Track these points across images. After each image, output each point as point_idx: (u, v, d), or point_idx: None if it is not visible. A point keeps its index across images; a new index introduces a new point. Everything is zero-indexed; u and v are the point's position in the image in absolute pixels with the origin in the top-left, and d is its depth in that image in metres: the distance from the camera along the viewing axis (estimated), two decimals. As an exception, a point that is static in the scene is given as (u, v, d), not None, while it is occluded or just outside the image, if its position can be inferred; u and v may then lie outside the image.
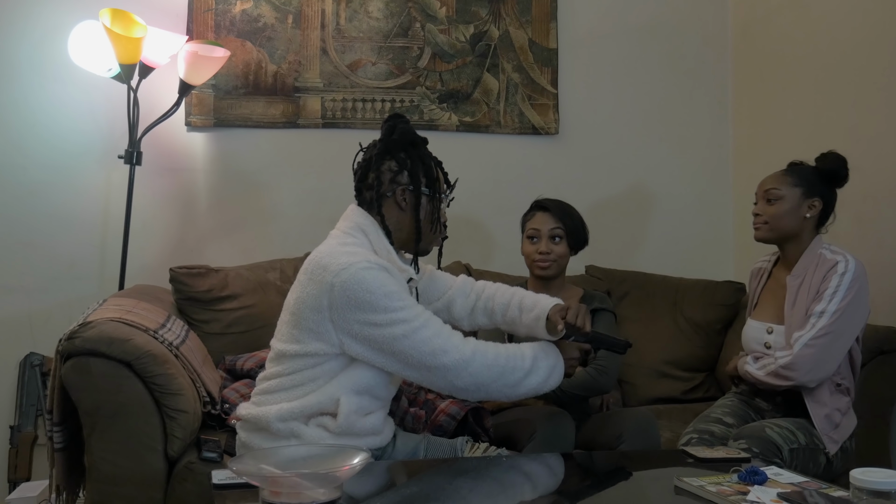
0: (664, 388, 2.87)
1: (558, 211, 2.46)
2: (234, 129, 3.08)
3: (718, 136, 3.45)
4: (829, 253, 2.23)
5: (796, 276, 2.25)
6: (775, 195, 2.27)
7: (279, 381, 1.81)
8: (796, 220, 2.26)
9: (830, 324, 2.13)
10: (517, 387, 1.82)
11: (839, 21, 2.85)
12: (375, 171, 1.89)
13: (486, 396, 1.84)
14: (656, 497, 1.66)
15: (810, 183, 2.26)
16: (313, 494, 1.39)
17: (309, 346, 1.77)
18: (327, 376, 1.78)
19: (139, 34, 2.65)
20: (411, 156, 1.90)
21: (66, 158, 2.95)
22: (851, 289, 2.15)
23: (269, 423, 1.77)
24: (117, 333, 2.02)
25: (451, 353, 1.75)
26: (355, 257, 1.75)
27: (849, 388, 2.23)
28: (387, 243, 1.87)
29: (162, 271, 2.72)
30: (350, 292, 1.72)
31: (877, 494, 1.27)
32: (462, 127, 3.22)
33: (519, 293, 2.06)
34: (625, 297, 3.05)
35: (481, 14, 3.24)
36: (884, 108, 2.65)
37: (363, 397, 1.80)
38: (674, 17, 3.42)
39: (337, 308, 1.73)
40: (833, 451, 2.13)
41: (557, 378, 1.87)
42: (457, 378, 1.77)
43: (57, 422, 2.05)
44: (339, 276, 1.72)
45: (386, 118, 1.98)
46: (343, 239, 1.85)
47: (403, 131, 1.92)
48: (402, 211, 1.89)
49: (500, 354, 1.81)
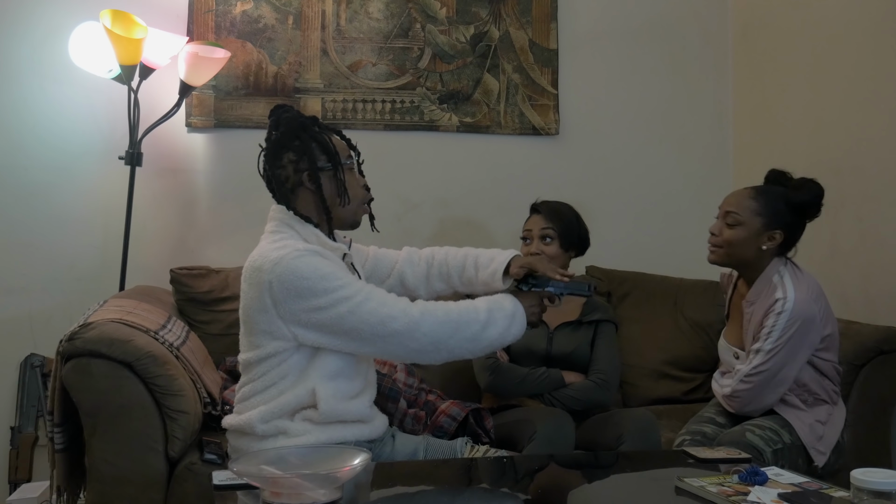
0: (664, 389, 2.87)
1: (549, 212, 2.47)
2: (235, 130, 3.08)
3: (719, 136, 3.45)
4: (778, 281, 2.12)
5: (750, 303, 2.20)
6: (735, 220, 2.15)
7: (251, 386, 1.84)
8: (751, 249, 2.15)
9: (764, 363, 2.11)
10: (477, 340, 1.82)
11: (840, 21, 2.85)
12: (277, 168, 1.91)
13: (448, 355, 1.83)
14: (657, 497, 1.66)
15: (775, 213, 2.13)
16: (314, 495, 1.39)
17: (267, 348, 1.80)
18: (296, 371, 1.81)
19: (139, 35, 2.65)
20: (304, 140, 1.90)
21: (66, 159, 2.95)
22: (788, 328, 2.08)
23: (253, 426, 1.80)
24: (118, 334, 2.02)
25: (399, 318, 1.77)
26: (284, 250, 1.78)
27: (825, 399, 2.20)
28: (313, 229, 1.88)
29: (162, 272, 2.72)
30: (287, 284, 1.74)
31: (877, 495, 1.27)
32: (462, 128, 3.22)
33: (472, 252, 2.07)
34: (625, 297, 3.05)
35: (481, 15, 3.24)
36: (885, 108, 2.65)
37: (338, 381, 1.82)
38: (674, 17, 3.42)
39: (280, 303, 1.76)
40: (821, 464, 2.12)
41: (520, 326, 1.87)
42: (411, 341, 1.77)
43: (57, 423, 2.06)
44: (274, 272, 1.75)
45: (269, 113, 1.97)
46: (271, 238, 1.87)
47: (288, 120, 1.93)
48: (314, 194, 1.90)
49: (450, 310, 1.82)
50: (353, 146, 1.98)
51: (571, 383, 2.37)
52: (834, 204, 2.81)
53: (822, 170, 2.89)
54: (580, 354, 2.42)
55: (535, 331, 2.43)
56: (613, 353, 2.46)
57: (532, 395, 2.38)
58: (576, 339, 2.44)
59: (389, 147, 3.14)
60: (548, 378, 2.36)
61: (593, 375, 2.40)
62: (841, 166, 2.83)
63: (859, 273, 2.74)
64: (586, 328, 2.46)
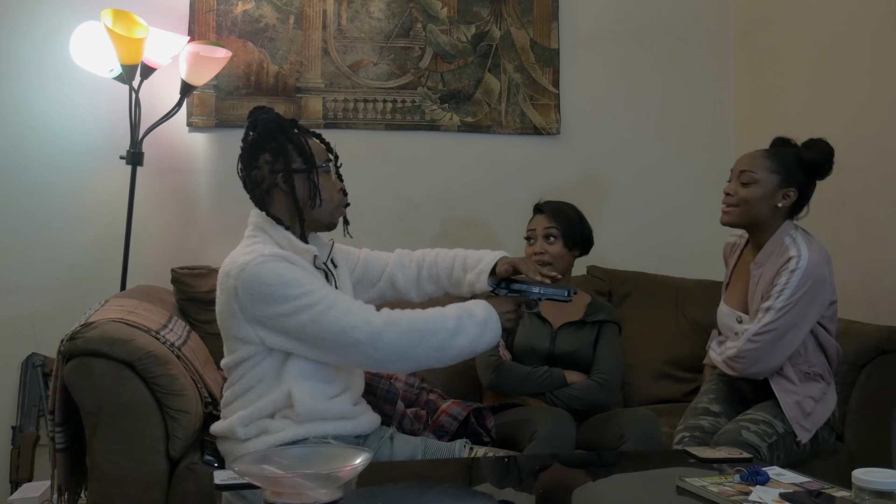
0: (665, 389, 2.86)
1: (552, 211, 2.48)
2: (236, 130, 3.03)
3: (720, 136, 3.44)
4: (791, 242, 2.15)
5: (759, 265, 2.21)
6: (750, 178, 2.18)
7: (231, 391, 1.88)
8: (767, 207, 2.18)
9: (774, 321, 2.11)
10: (445, 349, 1.80)
11: (841, 21, 2.85)
12: (253, 169, 1.91)
13: (415, 364, 1.82)
14: (658, 497, 1.66)
15: (789, 171, 2.17)
16: (315, 495, 1.39)
17: (240, 352, 1.83)
18: (271, 374, 1.83)
19: (141, 35, 2.65)
20: (281, 141, 1.90)
21: (67, 159, 2.95)
22: (801, 286, 2.09)
23: (235, 431, 1.83)
24: (119, 334, 2.02)
25: (361, 327, 1.75)
26: (250, 255, 1.79)
27: (822, 375, 2.21)
28: (284, 232, 1.88)
29: (163, 272, 2.72)
30: (251, 290, 1.76)
31: (879, 495, 1.27)
32: (463, 127, 3.21)
33: (461, 253, 2.07)
34: (626, 297, 3.05)
35: (483, 14, 3.24)
36: (886, 108, 2.65)
37: (313, 382, 1.83)
38: (675, 17, 3.41)
39: (246, 308, 1.78)
40: (805, 440, 2.11)
41: (493, 334, 1.84)
42: (374, 350, 1.76)
43: (59, 422, 2.06)
44: (239, 278, 1.77)
45: (248, 114, 1.97)
46: (246, 243, 1.89)
47: (266, 121, 1.92)
48: (288, 195, 1.90)
49: (416, 320, 1.80)
50: (331, 150, 1.97)
51: (573, 383, 2.37)
52: (835, 203, 2.82)
53: (824, 169, 2.90)
54: (583, 354, 2.43)
55: (538, 329, 2.45)
56: (616, 354, 2.46)
57: (534, 393, 2.38)
58: (579, 339, 2.44)
59: (390, 147, 3.14)
60: (550, 377, 2.37)
61: (595, 375, 2.40)
62: (842, 165, 2.81)
63: (860, 272, 2.74)
64: (590, 328, 2.46)
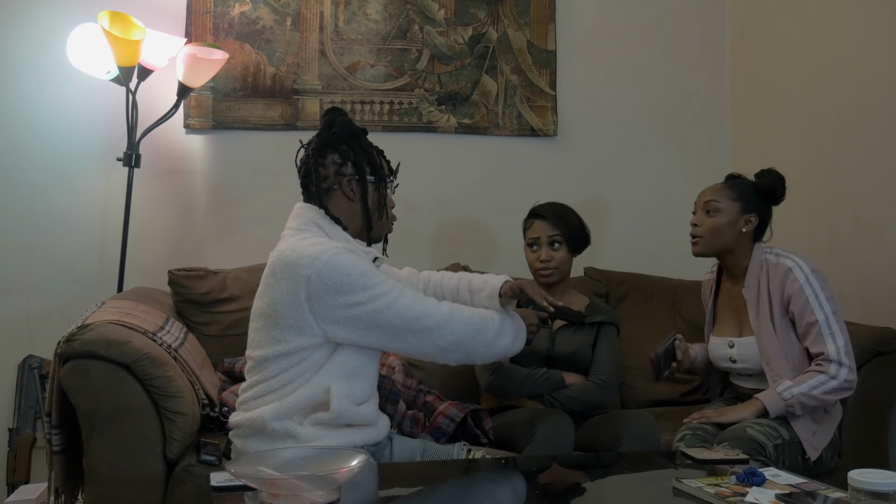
0: (663, 391, 2.86)
1: (554, 217, 2.47)
2: (233, 132, 3.08)
3: (716, 137, 3.45)
4: (774, 257, 2.27)
5: (750, 287, 2.28)
6: (714, 207, 2.29)
7: (265, 385, 1.83)
8: (733, 233, 2.28)
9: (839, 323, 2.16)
10: (492, 346, 1.91)
11: (837, 22, 2.86)
12: (320, 165, 1.92)
13: (464, 357, 1.91)
14: (655, 498, 1.67)
15: (748, 198, 2.29)
16: (312, 496, 1.39)
17: (291, 343, 1.80)
18: (314, 369, 1.81)
19: (138, 37, 2.65)
20: (353, 147, 1.93)
21: (64, 161, 2.94)
22: (821, 280, 2.19)
23: (265, 423, 1.79)
24: (116, 336, 2.02)
25: (431, 315, 1.83)
26: (322, 247, 1.80)
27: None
28: (342, 232, 1.90)
29: (160, 273, 2.72)
30: (327, 279, 1.76)
31: (875, 495, 1.28)
32: (460, 129, 3.22)
33: (466, 276, 2.12)
34: (623, 298, 3.05)
35: (480, 16, 3.24)
36: (882, 108, 2.65)
37: (353, 382, 1.83)
38: (672, 18, 3.42)
39: (316, 298, 1.77)
40: (814, 458, 2.13)
41: (523, 340, 1.98)
42: (439, 338, 1.84)
43: (56, 424, 2.06)
44: (313, 267, 1.76)
45: (324, 113, 2.01)
46: (300, 236, 1.88)
47: (343, 124, 1.96)
48: (350, 201, 1.93)
49: (474, 313, 1.91)
50: (393, 170, 2.03)
51: (572, 384, 2.38)
52: (831, 204, 2.82)
53: (820, 170, 2.91)
54: (581, 355, 2.43)
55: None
56: (614, 356, 2.47)
57: (532, 395, 2.38)
58: (577, 341, 2.44)
59: (387, 148, 3.05)
60: (548, 379, 2.37)
61: (594, 377, 2.40)
62: (838, 167, 2.84)
63: (857, 274, 2.74)
64: (588, 330, 2.46)
